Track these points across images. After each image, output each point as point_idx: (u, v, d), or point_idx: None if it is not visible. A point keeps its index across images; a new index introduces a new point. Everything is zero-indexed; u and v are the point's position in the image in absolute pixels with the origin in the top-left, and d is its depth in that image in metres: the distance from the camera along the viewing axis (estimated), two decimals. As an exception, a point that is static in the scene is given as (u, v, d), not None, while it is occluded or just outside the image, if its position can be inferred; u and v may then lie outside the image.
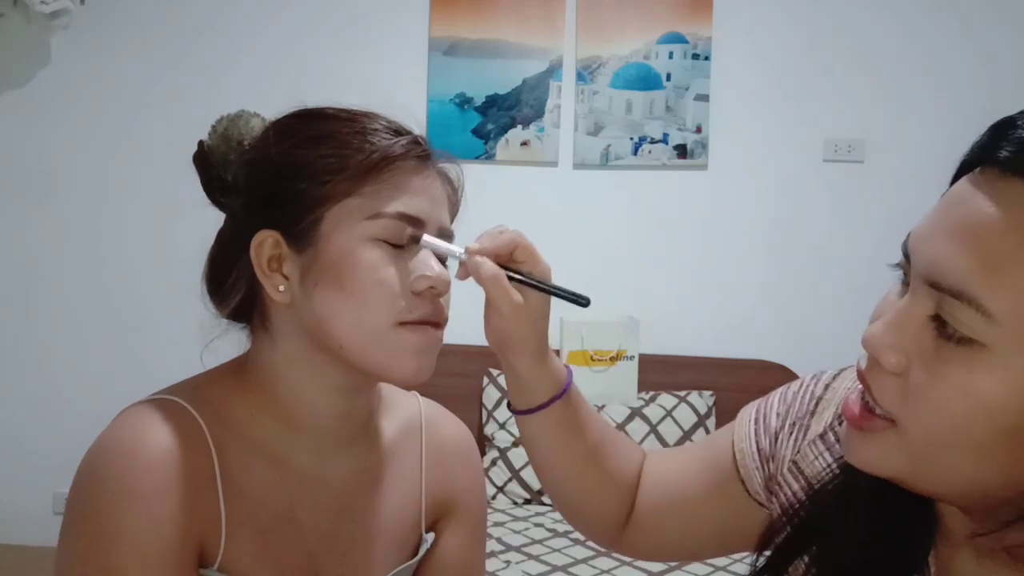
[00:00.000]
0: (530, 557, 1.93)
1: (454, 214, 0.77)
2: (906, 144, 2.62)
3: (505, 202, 2.28)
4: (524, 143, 2.71)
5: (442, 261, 0.72)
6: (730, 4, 2.66)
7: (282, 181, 0.69)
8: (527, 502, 2.36)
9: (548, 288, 0.69)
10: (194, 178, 0.75)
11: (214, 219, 0.76)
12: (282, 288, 0.70)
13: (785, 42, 2.66)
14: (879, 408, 0.53)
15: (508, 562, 1.89)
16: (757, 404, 0.76)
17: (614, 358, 2.51)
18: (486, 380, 2.57)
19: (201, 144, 0.75)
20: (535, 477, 2.46)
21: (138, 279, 2.71)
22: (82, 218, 2.74)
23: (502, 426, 2.46)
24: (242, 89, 2.54)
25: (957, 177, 0.53)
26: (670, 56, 2.67)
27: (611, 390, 2.48)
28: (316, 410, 0.73)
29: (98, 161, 2.73)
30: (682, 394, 2.53)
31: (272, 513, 0.72)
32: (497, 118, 2.70)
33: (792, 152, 2.68)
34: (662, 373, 2.59)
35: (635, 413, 2.46)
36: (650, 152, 2.69)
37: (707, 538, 0.79)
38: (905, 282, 0.54)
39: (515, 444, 2.40)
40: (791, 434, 0.71)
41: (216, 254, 0.75)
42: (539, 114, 2.70)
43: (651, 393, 2.53)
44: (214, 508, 0.68)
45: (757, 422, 0.74)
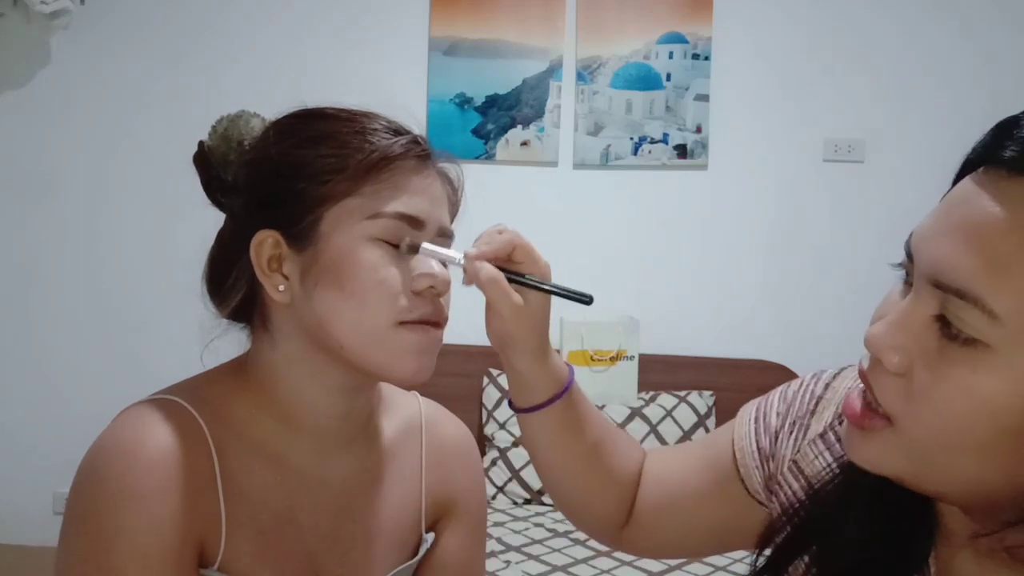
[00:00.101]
0: (530, 557, 1.93)
1: (454, 214, 0.77)
2: (906, 144, 2.62)
3: (505, 202, 2.27)
4: (524, 143, 2.71)
5: (444, 263, 0.72)
6: (730, 4, 2.66)
7: (282, 181, 0.69)
8: (527, 502, 2.36)
9: (549, 288, 0.69)
10: (194, 178, 0.75)
11: (214, 219, 0.76)
12: (282, 288, 0.70)
13: (785, 42, 2.66)
14: (880, 408, 0.53)
15: (508, 562, 1.88)
16: (757, 403, 0.76)
17: (614, 358, 2.51)
18: (486, 380, 2.57)
19: (201, 144, 0.75)
20: (535, 477, 2.46)
21: (138, 279, 2.71)
22: (82, 218, 2.74)
23: (502, 426, 2.46)
24: (242, 89, 2.54)
25: (960, 176, 0.52)
26: (670, 56, 2.67)
27: (611, 390, 2.48)
28: (316, 410, 0.73)
29: (98, 161, 2.73)
30: (682, 394, 2.53)
31: (272, 513, 0.72)
32: (497, 118, 2.70)
33: (792, 152, 2.68)
34: (662, 373, 2.59)
35: (635, 413, 2.46)
36: (650, 152, 2.69)
37: (707, 537, 0.79)
38: (907, 282, 0.54)
39: (515, 444, 2.40)
40: (791, 433, 0.71)
41: (216, 254, 0.75)
42: (539, 114, 2.70)
43: (651, 393, 2.53)
44: (214, 508, 0.68)
45: (757, 421, 0.74)
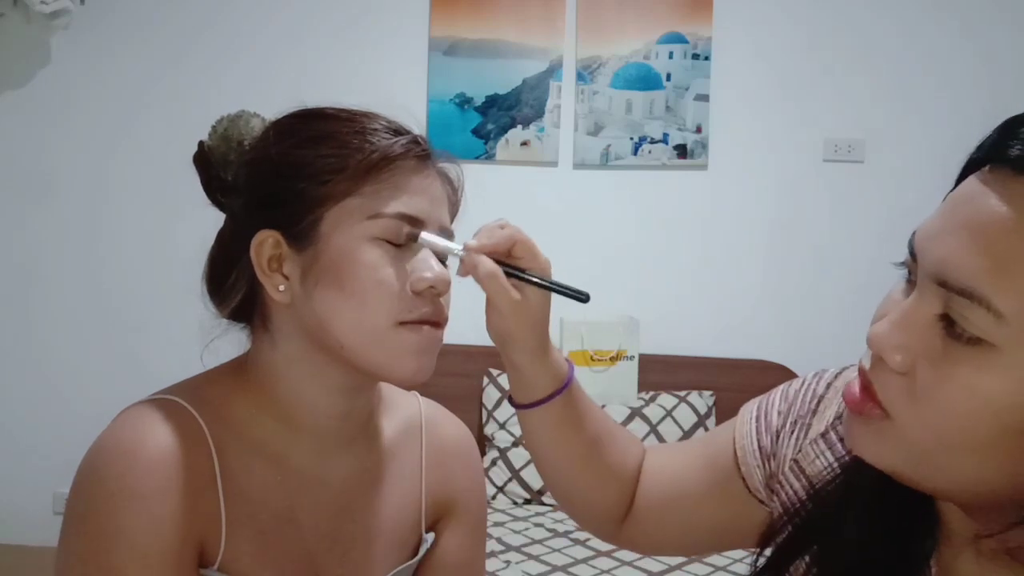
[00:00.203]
0: (530, 557, 1.93)
1: (454, 214, 0.77)
2: (906, 144, 2.62)
3: (505, 202, 2.25)
4: (524, 143, 2.70)
5: (442, 260, 0.72)
6: (730, 4, 2.66)
7: (282, 181, 0.69)
8: (527, 502, 2.36)
9: (547, 284, 0.69)
10: (194, 178, 0.75)
11: (214, 219, 0.76)
12: (282, 288, 0.70)
13: (785, 42, 2.66)
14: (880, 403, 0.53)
15: (508, 562, 1.88)
16: (758, 401, 0.76)
17: (614, 358, 2.51)
18: (486, 380, 2.57)
19: (201, 144, 0.75)
20: (535, 477, 2.46)
21: (138, 279, 2.71)
22: (82, 218, 2.74)
23: (502, 426, 2.46)
24: (242, 89, 2.54)
25: (963, 175, 0.52)
26: (670, 56, 2.67)
27: (611, 390, 2.47)
28: (316, 410, 0.73)
29: (98, 161, 2.73)
30: (682, 394, 2.53)
31: (272, 513, 0.71)
32: (497, 118, 2.70)
33: (792, 152, 2.68)
34: (662, 373, 2.58)
35: (635, 413, 2.46)
36: (650, 152, 2.69)
37: (706, 534, 0.79)
38: (910, 280, 0.53)
39: (515, 444, 2.40)
40: (792, 432, 0.71)
41: (216, 254, 0.75)
42: (539, 114, 2.70)
43: (651, 393, 2.53)
44: (214, 508, 0.68)
45: (758, 420, 0.74)
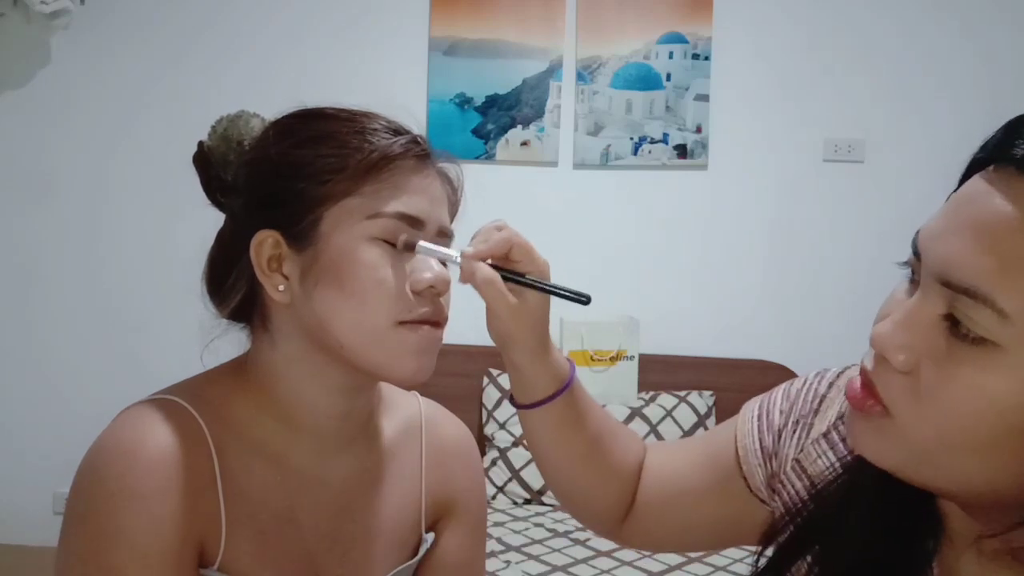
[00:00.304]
0: (530, 557, 1.93)
1: (454, 214, 0.77)
2: (906, 144, 2.62)
3: (505, 202, 2.26)
4: (524, 143, 2.70)
5: (442, 262, 0.72)
6: (730, 4, 2.66)
7: (282, 181, 0.69)
8: (527, 502, 2.36)
9: (546, 287, 0.69)
10: (194, 178, 0.75)
11: (214, 219, 0.76)
12: (282, 288, 0.70)
13: (785, 42, 2.66)
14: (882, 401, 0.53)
15: (508, 562, 1.88)
16: (760, 400, 0.76)
17: (614, 358, 2.51)
18: (486, 380, 2.57)
19: (201, 144, 0.75)
20: (535, 477, 2.45)
21: (138, 279, 2.71)
22: (82, 218, 2.74)
23: (502, 426, 2.46)
24: (242, 89, 2.54)
25: (967, 175, 0.52)
26: (670, 56, 2.67)
27: (611, 390, 2.47)
28: (316, 410, 0.73)
29: (98, 161, 2.73)
30: (682, 394, 2.53)
31: (272, 513, 0.71)
32: (497, 118, 2.70)
33: (792, 152, 2.68)
34: (662, 373, 2.58)
35: (635, 413, 2.45)
36: (650, 152, 2.69)
37: (707, 533, 0.79)
38: (913, 280, 0.53)
39: (515, 444, 2.40)
40: (794, 432, 0.70)
41: (216, 254, 0.75)
42: (539, 114, 2.70)
43: (651, 393, 2.53)
44: (214, 508, 0.68)
45: (760, 419, 0.74)
